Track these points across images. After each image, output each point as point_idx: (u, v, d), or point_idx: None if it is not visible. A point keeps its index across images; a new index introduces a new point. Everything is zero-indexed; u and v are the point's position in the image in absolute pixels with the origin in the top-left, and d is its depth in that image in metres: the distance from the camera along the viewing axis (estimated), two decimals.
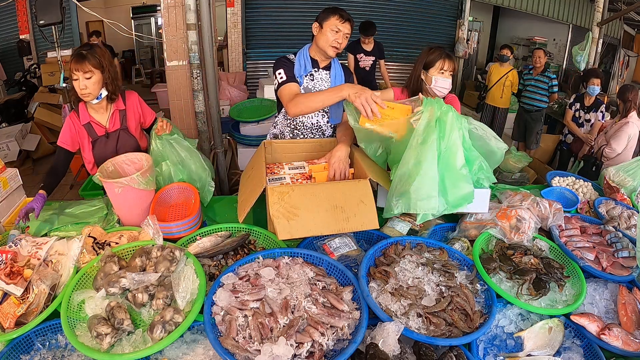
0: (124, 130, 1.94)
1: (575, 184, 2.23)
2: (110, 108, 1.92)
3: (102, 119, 1.91)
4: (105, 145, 1.91)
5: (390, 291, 1.28)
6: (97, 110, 1.89)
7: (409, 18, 7.04)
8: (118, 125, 1.93)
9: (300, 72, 1.97)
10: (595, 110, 3.77)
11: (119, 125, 1.93)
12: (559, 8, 7.09)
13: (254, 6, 6.40)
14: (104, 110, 1.90)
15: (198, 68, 3.16)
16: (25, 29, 6.25)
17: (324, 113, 2.10)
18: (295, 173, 1.78)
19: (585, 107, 3.84)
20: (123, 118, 1.94)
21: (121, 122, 1.93)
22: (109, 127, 1.91)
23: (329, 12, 1.91)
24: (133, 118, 1.97)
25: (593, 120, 3.79)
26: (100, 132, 1.90)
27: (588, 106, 3.82)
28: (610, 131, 3.23)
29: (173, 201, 1.81)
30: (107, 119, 1.91)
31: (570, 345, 1.28)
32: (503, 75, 4.93)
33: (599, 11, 5.06)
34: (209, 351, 1.13)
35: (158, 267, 1.28)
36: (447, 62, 1.91)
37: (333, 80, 2.06)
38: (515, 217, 1.65)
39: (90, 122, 1.87)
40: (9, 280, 1.24)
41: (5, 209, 1.71)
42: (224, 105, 4.58)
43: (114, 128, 1.92)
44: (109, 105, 1.90)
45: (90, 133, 1.88)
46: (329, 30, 1.90)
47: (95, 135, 1.89)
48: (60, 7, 3.67)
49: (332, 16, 1.89)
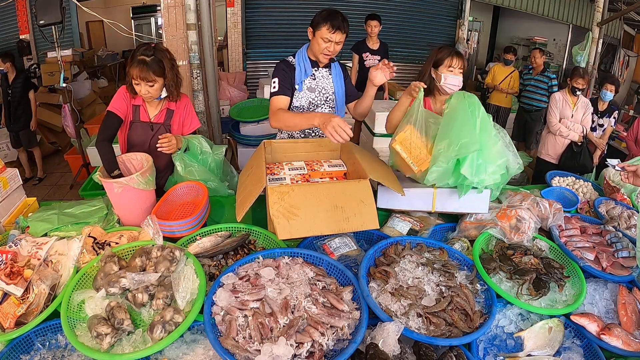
0: (166, 126, 1.98)
1: (575, 184, 2.23)
2: (162, 105, 1.97)
3: (152, 110, 1.96)
4: (142, 132, 1.95)
5: (390, 291, 1.28)
6: (151, 102, 1.94)
7: (409, 18, 7.03)
8: (162, 120, 1.97)
9: (302, 77, 2.00)
10: (609, 116, 3.70)
11: (163, 120, 1.97)
12: (559, 8, 7.08)
13: (254, 6, 6.40)
14: (156, 103, 1.95)
15: (198, 68, 3.16)
16: (25, 29, 6.24)
17: (330, 109, 2.13)
18: (296, 174, 1.78)
19: (599, 112, 3.73)
20: (169, 116, 1.98)
21: (166, 118, 1.98)
22: (154, 119, 1.96)
23: (321, 20, 1.91)
24: (178, 120, 2.01)
25: (606, 125, 3.72)
26: (144, 119, 1.94)
27: (602, 111, 3.72)
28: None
29: (182, 200, 1.81)
30: (155, 112, 1.96)
31: (570, 345, 1.28)
32: (507, 75, 4.93)
33: (599, 11, 5.06)
34: (209, 351, 1.13)
35: (158, 267, 1.28)
36: (455, 59, 1.91)
37: (334, 79, 2.09)
38: (515, 217, 1.65)
39: (140, 107, 1.93)
40: (9, 280, 1.24)
41: (5, 209, 1.71)
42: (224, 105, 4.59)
43: (157, 121, 1.96)
44: (161, 102, 1.96)
45: (134, 114, 1.93)
46: (320, 39, 1.92)
47: (137, 118, 1.93)
48: (60, 7, 3.67)
49: (322, 26, 1.90)
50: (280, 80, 1.98)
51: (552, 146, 3.61)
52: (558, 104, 3.51)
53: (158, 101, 1.95)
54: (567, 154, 3.55)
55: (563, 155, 3.57)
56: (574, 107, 3.49)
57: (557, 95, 3.55)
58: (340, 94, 2.12)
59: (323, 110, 2.12)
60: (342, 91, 2.13)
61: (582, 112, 3.49)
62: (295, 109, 2.10)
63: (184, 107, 2.03)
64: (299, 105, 2.08)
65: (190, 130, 2.06)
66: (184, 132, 2.04)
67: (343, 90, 2.13)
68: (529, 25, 8.25)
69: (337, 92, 2.11)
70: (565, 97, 3.50)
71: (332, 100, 2.13)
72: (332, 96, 2.12)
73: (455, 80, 1.91)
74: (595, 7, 5.14)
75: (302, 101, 2.07)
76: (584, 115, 3.49)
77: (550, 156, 3.65)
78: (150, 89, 1.79)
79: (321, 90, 2.08)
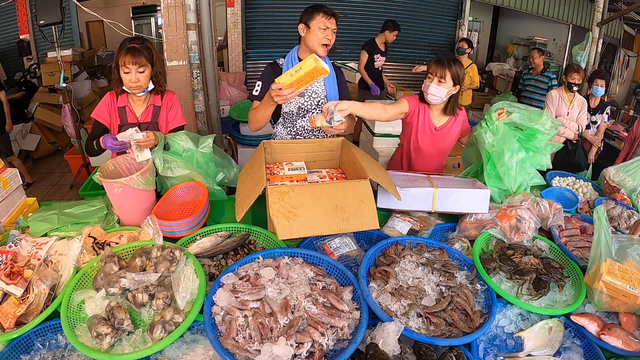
0: (153, 125, 1.97)
1: (575, 184, 2.23)
2: (147, 101, 1.96)
3: (138, 109, 1.95)
4: None
5: (390, 291, 1.28)
6: (135, 101, 1.94)
7: (408, 18, 7.02)
8: (149, 119, 1.96)
9: None
10: (601, 112, 3.69)
11: (150, 119, 1.96)
12: (559, 8, 7.08)
13: (254, 6, 6.40)
14: (141, 102, 1.95)
15: (198, 68, 3.16)
16: (25, 29, 6.25)
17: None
18: (295, 174, 1.78)
19: (591, 109, 3.73)
20: (156, 113, 1.97)
21: (153, 116, 1.97)
22: (141, 118, 1.95)
23: (313, 11, 1.90)
24: (165, 116, 2.00)
25: (599, 122, 3.71)
26: (131, 120, 1.94)
27: (594, 108, 3.71)
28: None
29: (182, 200, 1.81)
30: (141, 110, 1.95)
31: (570, 345, 1.28)
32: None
33: (599, 11, 5.07)
34: (209, 351, 1.13)
35: (158, 267, 1.28)
36: (433, 67, 1.90)
37: (326, 80, 2.05)
38: (515, 217, 1.65)
39: (126, 107, 1.92)
40: (9, 280, 1.23)
41: (5, 209, 1.71)
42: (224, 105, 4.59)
43: (144, 120, 1.95)
44: (147, 98, 1.95)
45: (121, 117, 1.93)
46: (317, 29, 1.90)
47: (125, 120, 1.93)
48: (60, 7, 3.67)
49: (317, 14, 1.89)
50: (262, 85, 1.98)
51: None
52: (554, 102, 3.51)
53: (144, 97, 1.94)
54: (562, 151, 3.53)
55: (558, 153, 3.56)
56: (570, 105, 3.48)
57: (554, 93, 3.55)
58: (332, 98, 2.07)
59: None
60: (334, 95, 2.08)
61: (578, 110, 3.49)
62: (285, 115, 2.09)
63: (170, 103, 2.00)
64: (288, 111, 2.07)
65: (172, 126, 2.01)
66: (167, 128, 2.01)
67: (336, 93, 2.09)
68: (529, 25, 8.25)
69: (329, 95, 2.07)
70: (562, 94, 3.50)
71: (323, 105, 2.10)
72: (323, 100, 2.08)
73: (431, 89, 1.91)
74: (595, 7, 5.14)
75: (291, 106, 2.05)
76: (580, 114, 3.49)
77: None
78: (140, 75, 1.79)
79: (311, 94, 2.05)
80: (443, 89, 1.92)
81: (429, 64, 1.96)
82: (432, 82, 1.92)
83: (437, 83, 1.91)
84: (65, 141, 5.35)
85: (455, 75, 1.90)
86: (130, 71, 1.78)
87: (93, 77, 6.81)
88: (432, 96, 1.94)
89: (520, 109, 1.87)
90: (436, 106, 2.03)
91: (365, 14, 6.42)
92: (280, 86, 1.65)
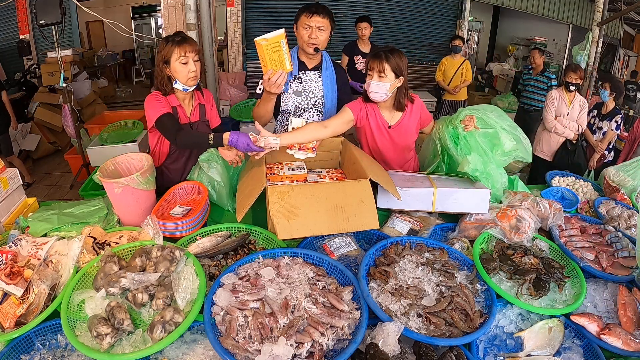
0: (205, 123, 1.94)
1: (575, 184, 2.23)
2: (193, 100, 1.92)
3: (187, 108, 1.91)
4: None
5: (390, 291, 1.28)
6: (183, 100, 1.89)
7: (408, 18, 7.03)
8: (198, 118, 1.93)
9: (288, 77, 1.97)
10: (610, 119, 3.57)
11: (199, 117, 1.93)
12: (559, 8, 7.09)
13: (254, 6, 6.40)
14: (187, 100, 1.91)
15: None
16: (25, 29, 6.25)
17: (319, 113, 2.11)
18: (295, 174, 1.78)
19: (601, 114, 3.65)
20: (203, 112, 1.95)
21: (201, 115, 1.94)
22: (191, 117, 1.91)
23: (299, 12, 1.91)
24: (210, 115, 1.98)
25: (605, 128, 3.60)
26: (184, 120, 1.88)
27: (604, 114, 3.62)
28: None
29: (182, 200, 1.80)
30: (190, 109, 1.91)
31: (570, 345, 1.28)
32: (458, 68, 4.89)
33: (599, 11, 5.07)
34: (209, 351, 1.13)
35: (158, 267, 1.28)
36: (371, 62, 1.77)
37: (324, 80, 2.05)
38: (515, 217, 1.65)
39: (177, 107, 1.85)
40: (9, 280, 1.24)
41: (5, 209, 1.71)
42: (224, 105, 4.59)
43: (195, 120, 1.92)
44: (192, 96, 1.92)
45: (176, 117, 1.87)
46: (301, 29, 1.91)
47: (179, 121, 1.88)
48: (60, 7, 3.67)
49: (301, 15, 1.90)
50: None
51: (546, 143, 3.61)
52: (554, 101, 3.51)
53: (189, 95, 1.89)
54: (561, 151, 3.55)
55: (557, 152, 3.57)
56: (570, 105, 3.48)
57: (554, 93, 3.55)
58: (330, 98, 2.05)
59: (311, 115, 2.09)
60: (332, 95, 2.06)
61: (578, 111, 3.48)
62: (283, 113, 2.09)
63: (210, 100, 1.99)
64: (285, 109, 2.07)
65: (212, 125, 2.01)
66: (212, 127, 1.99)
67: (335, 94, 2.07)
68: (529, 25, 8.26)
69: (326, 96, 2.05)
70: (562, 94, 3.50)
71: (320, 105, 2.08)
72: (320, 100, 2.07)
73: (373, 87, 1.77)
74: (595, 7, 5.14)
75: (289, 105, 2.05)
76: (580, 114, 3.48)
77: (544, 153, 3.65)
78: (197, 65, 1.76)
79: (308, 94, 2.05)
80: (385, 84, 1.76)
81: (367, 59, 1.81)
82: (372, 79, 1.77)
83: (377, 79, 1.76)
84: (65, 141, 5.35)
85: (396, 67, 1.74)
86: (189, 60, 1.73)
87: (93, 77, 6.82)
88: (374, 94, 1.79)
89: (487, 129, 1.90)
90: (384, 103, 1.88)
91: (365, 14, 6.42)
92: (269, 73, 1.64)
